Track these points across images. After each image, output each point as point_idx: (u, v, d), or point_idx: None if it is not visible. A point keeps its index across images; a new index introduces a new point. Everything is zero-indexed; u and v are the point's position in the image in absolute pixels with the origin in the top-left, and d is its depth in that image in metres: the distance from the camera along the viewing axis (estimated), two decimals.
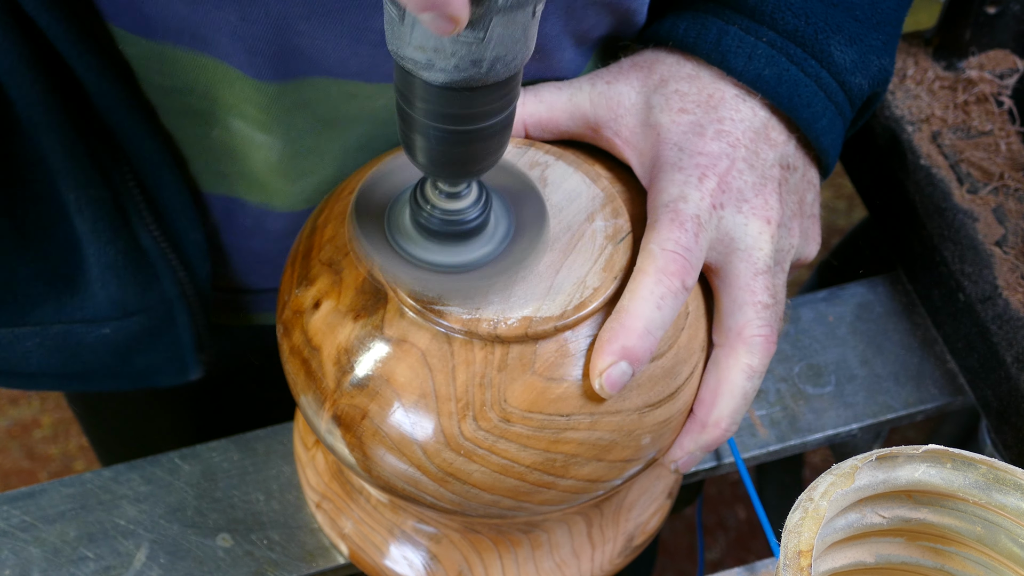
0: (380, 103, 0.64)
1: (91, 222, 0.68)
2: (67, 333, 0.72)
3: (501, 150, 0.51)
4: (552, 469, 0.56)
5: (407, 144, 0.51)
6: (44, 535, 0.71)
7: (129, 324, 0.73)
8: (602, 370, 0.55)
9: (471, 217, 0.55)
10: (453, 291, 0.56)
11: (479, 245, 0.56)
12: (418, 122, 0.49)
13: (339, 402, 0.57)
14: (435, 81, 0.46)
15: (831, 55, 0.64)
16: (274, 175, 0.68)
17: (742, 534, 1.73)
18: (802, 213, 0.65)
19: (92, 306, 0.72)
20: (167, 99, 0.66)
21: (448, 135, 0.49)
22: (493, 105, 0.48)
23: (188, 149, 0.69)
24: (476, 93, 0.47)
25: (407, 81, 0.48)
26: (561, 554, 0.67)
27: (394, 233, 0.56)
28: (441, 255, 0.55)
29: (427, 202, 0.54)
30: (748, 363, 0.60)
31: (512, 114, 0.50)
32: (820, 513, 0.51)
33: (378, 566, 0.68)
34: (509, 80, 0.48)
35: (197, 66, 0.62)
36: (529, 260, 0.57)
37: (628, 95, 0.64)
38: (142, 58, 0.63)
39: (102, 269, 0.70)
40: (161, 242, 0.71)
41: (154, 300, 0.72)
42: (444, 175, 0.52)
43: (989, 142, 0.80)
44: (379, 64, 0.61)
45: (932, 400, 0.78)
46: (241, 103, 0.64)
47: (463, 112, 0.48)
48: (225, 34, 0.59)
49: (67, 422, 1.84)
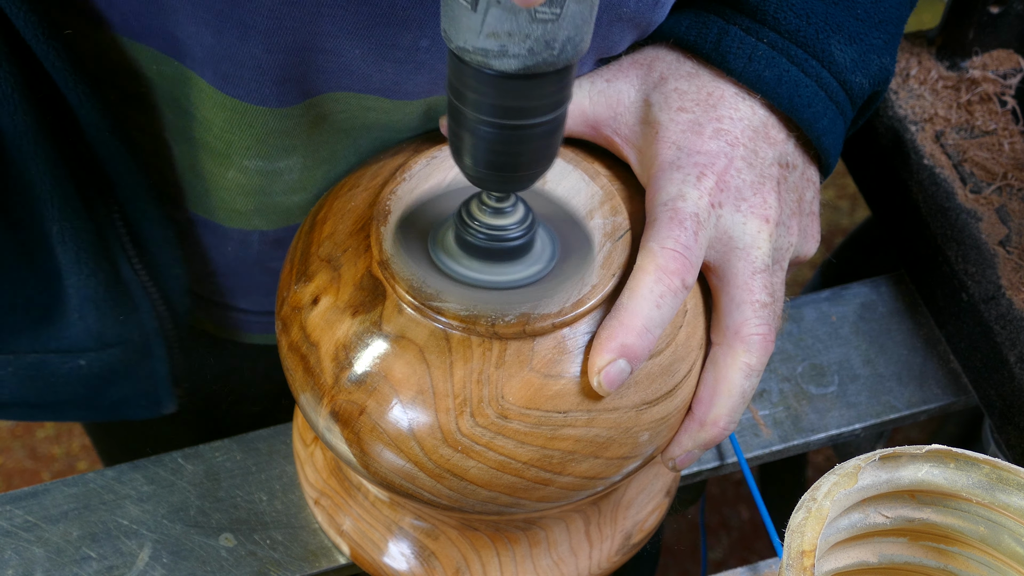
0: (397, 117, 0.64)
1: (73, 253, 0.67)
2: (42, 363, 0.72)
3: (548, 160, 0.51)
4: (549, 466, 0.56)
5: (456, 147, 0.51)
6: (47, 535, 0.71)
7: (105, 356, 0.72)
8: (601, 367, 0.55)
9: (516, 235, 0.55)
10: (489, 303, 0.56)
11: (524, 266, 0.56)
12: (471, 119, 0.49)
13: (337, 398, 0.57)
14: (508, 68, 0.46)
15: (832, 54, 0.64)
16: (292, 194, 0.68)
17: (745, 534, 1.73)
18: (801, 211, 0.65)
19: (69, 336, 0.71)
20: (186, 130, 0.65)
21: (500, 132, 0.49)
22: (549, 99, 0.48)
23: (204, 185, 0.68)
24: (539, 82, 0.47)
25: (466, 76, 0.47)
26: (559, 552, 0.67)
27: (438, 252, 0.56)
28: (484, 273, 0.56)
29: (473, 219, 0.55)
30: (746, 361, 0.60)
31: (562, 119, 0.50)
32: (823, 513, 0.51)
33: (376, 563, 0.68)
34: (568, 70, 0.48)
35: (216, 103, 0.62)
36: (572, 280, 0.57)
37: (627, 93, 0.64)
38: (170, 81, 0.63)
39: (81, 300, 0.69)
40: (142, 275, 0.71)
41: (132, 332, 0.72)
42: (491, 181, 0.52)
43: (992, 142, 0.80)
44: (401, 82, 0.61)
45: (935, 400, 0.78)
46: (258, 142, 0.63)
47: (521, 105, 0.48)
48: (249, 69, 0.59)
49: (70, 422, 1.84)
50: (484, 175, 0.51)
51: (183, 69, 0.61)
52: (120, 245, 0.69)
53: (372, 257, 0.58)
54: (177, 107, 0.64)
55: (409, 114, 0.64)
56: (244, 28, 0.56)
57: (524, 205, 0.55)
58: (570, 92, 0.50)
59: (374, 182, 0.63)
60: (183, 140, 0.66)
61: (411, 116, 0.64)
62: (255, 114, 0.62)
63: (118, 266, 0.70)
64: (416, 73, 0.60)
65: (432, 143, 0.64)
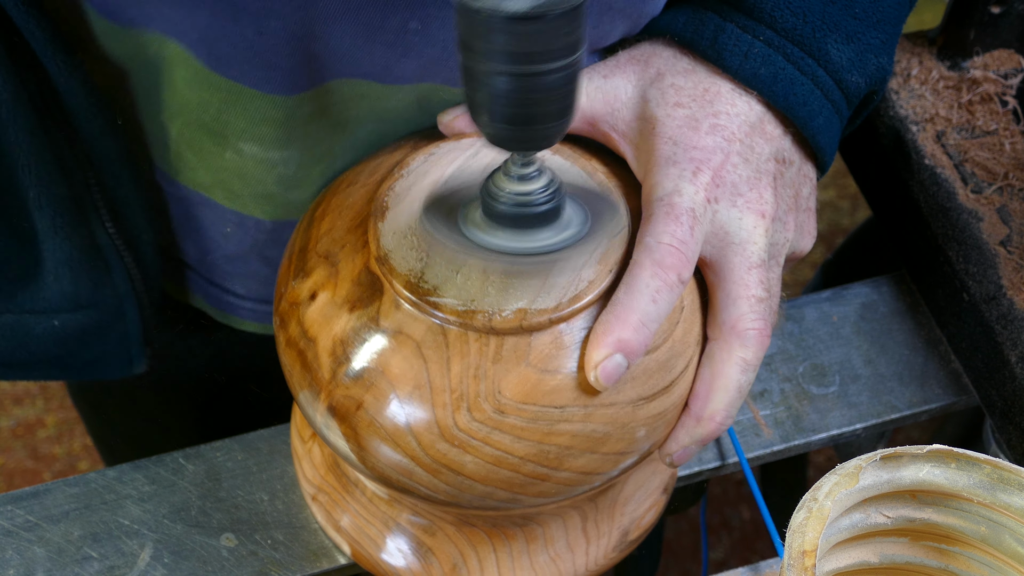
0: (390, 104, 0.64)
1: (50, 218, 0.68)
2: (16, 323, 0.73)
3: (565, 114, 0.51)
4: (546, 461, 0.56)
5: (473, 106, 0.51)
6: (48, 535, 0.71)
7: (79, 317, 0.73)
8: (597, 362, 0.56)
9: (541, 200, 0.55)
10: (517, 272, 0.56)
11: (554, 232, 0.57)
12: (484, 72, 0.49)
13: (334, 393, 0.57)
14: (519, 9, 0.46)
15: (828, 53, 0.64)
16: (289, 189, 0.68)
17: (746, 534, 1.73)
18: (797, 207, 0.65)
19: (44, 298, 0.72)
20: (182, 109, 0.66)
21: (516, 80, 0.49)
22: (562, 40, 0.48)
23: (201, 163, 0.69)
24: (551, 24, 0.47)
25: (478, 27, 0.47)
26: (556, 548, 0.67)
27: (468, 228, 0.57)
28: (515, 241, 0.56)
29: (498, 187, 0.55)
30: (742, 357, 0.61)
31: (577, 69, 0.50)
32: (824, 513, 0.51)
33: (374, 559, 0.68)
34: (579, 11, 0.48)
35: (211, 84, 0.62)
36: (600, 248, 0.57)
37: (624, 89, 0.64)
38: (166, 62, 0.63)
39: (57, 263, 0.70)
40: (116, 240, 0.71)
41: (106, 295, 0.73)
42: (510, 138, 0.52)
43: (993, 142, 0.80)
44: (392, 65, 0.61)
45: (936, 400, 0.78)
46: (254, 126, 0.64)
47: (535, 49, 0.48)
48: (241, 50, 0.59)
49: (71, 422, 1.84)
50: (502, 131, 0.51)
51: (178, 49, 0.61)
52: (95, 210, 0.70)
53: (370, 253, 0.58)
54: (173, 87, 0.64)
55: (401, 101, 0.64)
56: (236, 9, 0.57)
57: (549, 172, 0.55)
58: (583, 39, 0.49)
59: (372, 178, 0.63)
60: (179, 119, 0.67)
61: (403, 104, 0.64)
62: (249, 97, 0.62)
63: (93, 231, 0.70)
64: (406, 56, 0.60)
65: (430, 140, 0.64)
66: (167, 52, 0.62)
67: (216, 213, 0.72)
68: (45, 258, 0.70)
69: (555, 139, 0.52)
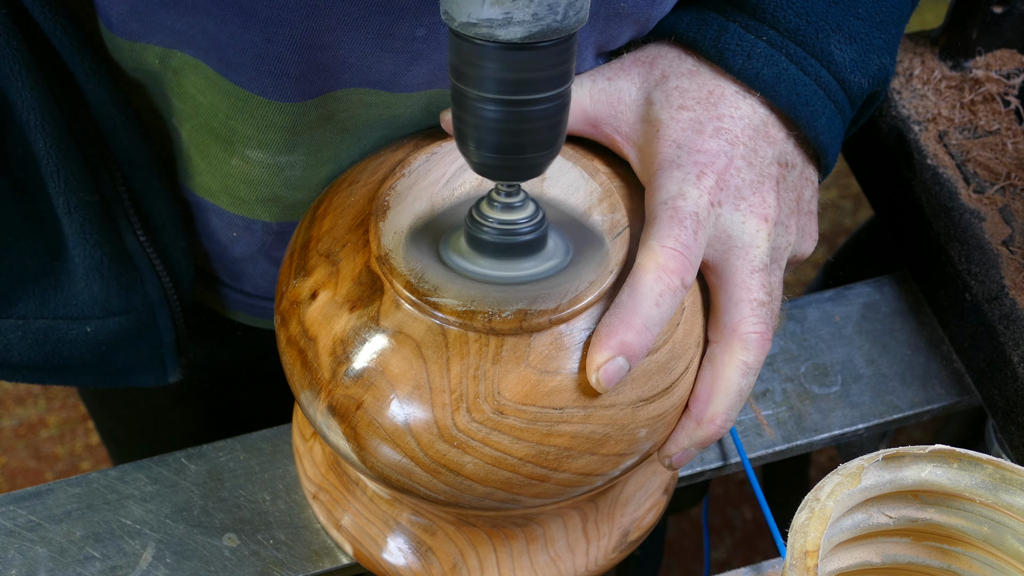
0: (398, 111, 0.64)
1: (79, 224, 0.68)
2: (50, 328, 0.73)
3: (553, 144, 0.51)
4: (545, 462, 0.56)
5: (461, 135, 0.51)
6: (50, 535, 0.71)
7: (111, 324, 0.73)
8: (599, 364, 0.56)
9: (527, 230, 0.55)
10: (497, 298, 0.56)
11: (538, 262, 0.57)
12: (475, 99, 0.49)
13: (334, 392, 0.57)
14: (514, 37, 0.46)
15: (831, 54, 0.64)
16: (295, 191, 0.68)
17: (748, 534, 1.73)
18: (799, 210, 0.65)
19: (75, 304, 0.72)
20: (192, 114, 0.66)
21: (505, 111, 0.49)
22: (553, 71, 0.48)
23: (208, 168, 0.69)
24: (543, 52, 0.47)
25: (470, 54, 0.48)
26: (556, 548, 0.68)
27: (449, 255, 0.57)
28: (498, 270, 0.56)
29: (483, 216, 0.55)
30: (743, 359, 0.61)
31: (566, 100, 0.50)
32: (826, 513, 0.51)
33: (374, 558, 0.69)
34: (571, 40, 0.48)
35: (220, 90, 0.62)
36: (582, 275, 0.57)
37: (628, 91, 0.64)
38: (174, 71, 0.63)
39: (87, 270, 0.70)
40: (147, 247, 0.72)
41: (137, 302, 0.73)
42: (498, 168, 0.52)
43: (996, 142, 0.80)
44: (400, 73, 0.61)
45: (938, 400, 0.78)
46: (260, 132, 0.64)
47: (526, 77, 0.48)
48: (250, 56, 0.59)
49: (73, 422, 1.84)
50: (490, 161, 0.51)
51: (187, 58, 0.62)
52: (125, 217, 0.70)
53: (370, 252, 0.58)
54: (183, 93, 0.65)
55: (410, 107, 0.64)
56: (246, 16, 0.57)
57: (534, 202, 0.56)
58: (572, 70, 0.50)
59: (373, 178, 0.63)
60: (188, 123, 0.67)
61: (412, 111, 0.64)
62: (256, 104, 0.62)
63: (123, 237, 0.71)
64: (414, 64, 0.61)
65: (432, 139, 0.64)
66: (174, 62, 0.62)
67: (223, 219, 0.72)
68: (76, 265, 0.70)
69: (541, 169, 0.52)
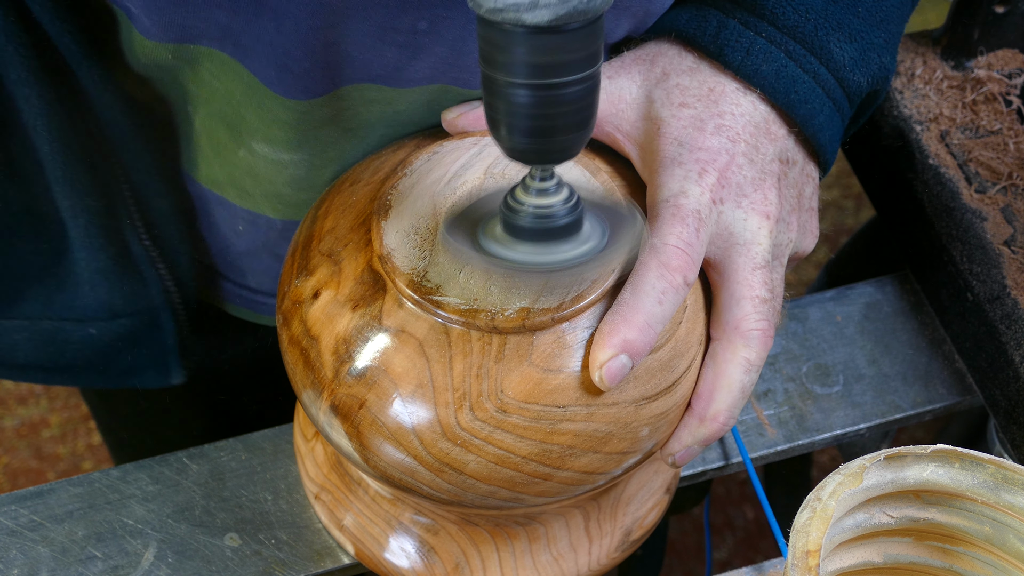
0: (401, 107, 0.64)
1: (83, 228, 0.69)
2: (55, 329, 0.74)
3: (584, 126, 0.51)
4: (548, 460, 0.56)
5: (492, 120, 0.51)
6: (52, 534, 0.71)
7: (114, 326, 0.74)
8: (602, 362, 0.56)
9: (561, 214, 0.55)
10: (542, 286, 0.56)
11: (574, 245, 0.56)
12: (504, 84, 0.49)
13: (337, 392, 0.57)
14: (541, 20, 0.46)
15: (830, 52, 0.64)
16: (300, 190, 0.68)
17: (750, 534, 1.73)
18: (800, 207, 0.66)
19: (80, 306, 0.73)
20: (208, 99, 0.66)
21: (535, 94, 0.49)
22: (581, 52, 0.48)
23: (217, 158, 0.69)
24: (571, 35, 0.47)
25: (498, 39, 0.48)
26: (558, 547, 0.68)
27: (488, 243, 0.56)
28: (536, 255, 0.56)
29: (518, 201, 0.55)
30: (746, 357, 0.61)
31: (596, 82, 0.50)
32: (828, 513, 0.51)
33: (376, 558, 0.69)
34: (598, 23, 0.48)
35: (235, 74, 0.62)
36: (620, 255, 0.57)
37: (629, 89, 0.64)
38: (187, 63, 0.64)
39: (92, 272, 0.71)
40: (151, 251, 0.72)
41: (141, 305, 0.73)
42: (530, 152, 0.52)
43: (997, 141, 0.80)
44: (402, 67, 0.61)
45: (940, 400, 0.78)
46: (266, 126, 0.64)
47: (555, 61, 0.48)
48: (263, 43, 0.59)
49: (75, 421, 1.84)
50: (522, 145, 0.51)
51: (200, 48, 0.62)
52: (130, 221, 0.71)
53: (373, 251, 0.58)
54: (199, 79, 0.65)
55: (412, 103, 0.64)
56: (258, 4, 0.57)
57: (568, 186, 0.55)
58: (601, 51, 0.49)
59: (375, 177, 0.63)
60: (203, 109, 0.67)
61: (414, 106, 0.64)
62: (264, 95, 0.62)
63: (127, 241, 0.71)
64: (416, 58, 0.61)
65: (433, 139, 0.64)
66: (188, 54, 0.63)
67: (229, 211, 0.72)
68: (80, 267, 0.71)
69: (575, 152, 0.52)
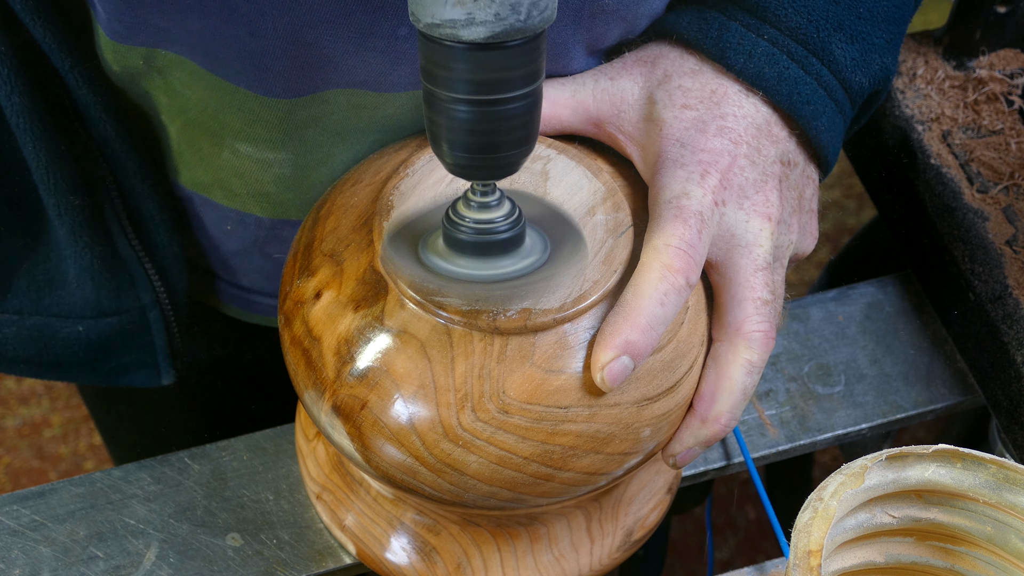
0: (388, 112, 0.64)
1: (70, 227, 0.69)
2: (43, 325, 0.74)
3: (526, 142, 0.51)
4: (550, 461, 0.56)
5: (434, 135, 0.51)
6: (54, 534, 0.71)
7: (103, 324, 0.74)
8: (604, 363, 0.56)
9: (504, 228, 0.55)
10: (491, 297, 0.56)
11: (516, 259, 0.57)
12: (445, 100, 0.49)
13: (339, 392, 0.57)
14: (477, 37, 0.47)
15: (832, 53, 0.64)
16: (287, 190, 0.68)
17: (752, 534, 1.73)
18: (801, 208, 0.66)
19: (68, 303, 0.73)
20: (182, 110, 0.66)
21: (476, 110, 0.49)
22: (521, 70, 0.49)
23: (200, 162, 0.69)
24: (509, 52, 0.48)
25: (437, 55, 0.48)
26: (560, 547, 0.68)
27: (429, 256, 0.57)
28: (477, 269, 0.56)
29: (460, 216, 0.55)
30: (747, 358, 0.61)
31: (537, 98, 0.50)
32: (830, 513, 0.51)
33: (378, 558, 0.69)
34: (538, 40, 0.48)
35: (208, 84, 0.63)
36: (560, 272, 0.57)
37: (631, 91, 0.64)
38: (159, 69, 0.64)
39: (78, 270, 0.71)
40: (139, 251, 0.72)
41: (128, 305, 0.74)
42: (471, 167, 0.52)
43: (999, 141, 0.80)
44: (386, 72, 0.61)
45: (942, 400, 0.78)
46: (248, 126, 0.64)
47: (494, 76, 0.48)
48: (235, 51, 0.59)
49: (77, 421, 1.84)
50: (463, 161, 0.51)
51: (171, 56, 0.62)
52: (117, 221, 0.71)
53: (374, 252, 0.58)
54: (170, 89, 0.65)
55: (399, 108, 0.64)
56: (228, 11, 0.57)
57: (509, 201, 0.56)
58: (542, 68, 0.50)
59: (377, 177, 0.63)
60: (178, 119, 0.67)
61: (401, 111, 0.64)
62: (244, 97, 0.62)
63: (114, 242, 0.71)
64: (398, 64, 0.61)
65: None
66: (159, 61, 0.63)
67: (216, 212, 0.72)
68: (68, 266, 0.71)
69: (516, 167, 0.53)
